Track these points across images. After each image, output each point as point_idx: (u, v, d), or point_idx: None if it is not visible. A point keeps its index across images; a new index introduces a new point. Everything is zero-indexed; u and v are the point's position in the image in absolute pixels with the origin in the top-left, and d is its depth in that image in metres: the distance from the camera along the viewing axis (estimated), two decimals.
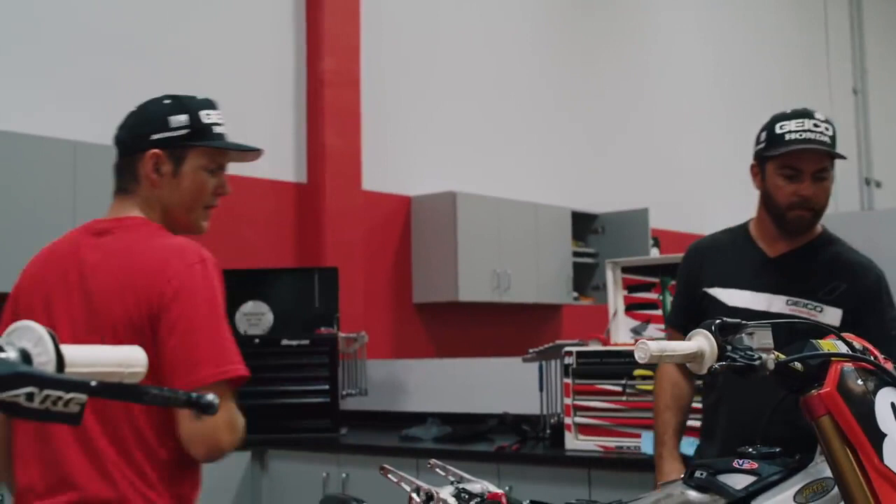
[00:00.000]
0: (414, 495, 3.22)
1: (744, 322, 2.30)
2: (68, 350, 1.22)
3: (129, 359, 1.34)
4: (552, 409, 5.30)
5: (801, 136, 3.06)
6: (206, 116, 2.50)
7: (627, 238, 9.49)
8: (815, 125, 3.07)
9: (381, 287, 8.05)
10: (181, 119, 2.46)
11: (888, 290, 3.17)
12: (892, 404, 2.31)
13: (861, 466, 2.24)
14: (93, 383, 1.12)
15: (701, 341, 2.25)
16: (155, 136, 2.46)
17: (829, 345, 2.38)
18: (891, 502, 2.20)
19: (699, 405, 3.52)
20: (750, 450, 2.55)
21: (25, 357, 1.17)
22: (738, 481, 2.50)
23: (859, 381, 2.32)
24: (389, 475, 3.36)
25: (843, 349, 2.38)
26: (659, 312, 5.29)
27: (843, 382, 2.30)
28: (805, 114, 3.10)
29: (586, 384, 4.85)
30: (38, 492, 2.32)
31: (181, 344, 2.29)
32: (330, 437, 5.91)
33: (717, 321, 2.25)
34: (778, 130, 3.11)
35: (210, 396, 1.16)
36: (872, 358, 2.39)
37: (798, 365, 2.34)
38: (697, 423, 3.54)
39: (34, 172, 5.54)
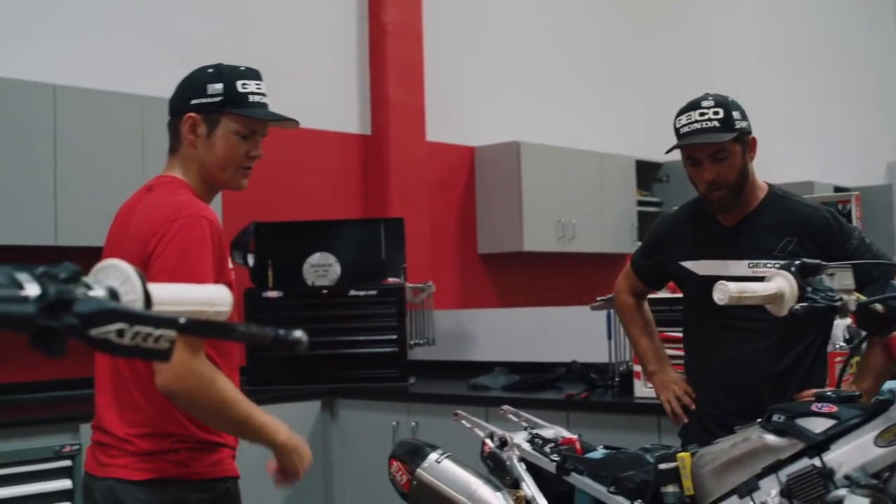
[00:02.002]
0: (488, 441, 3.24)
1: (824, 263, 2.27)
2: (155, 289, 1.23)
3: (214, 298, 1.34)
4: (620, 356, 5.28)
5: (689, 128, 3.34)
6: (243, 86, 2.77)
7: (692, 186, 9.36)
8: (702, 114, 3.32)
9: (447, 237, 8.05)
10: (217, 87, 2.74)
11: (841, 226, 3.35)
12: None
13: None
14: (182, 320, 1.12)
15: (781, 283, 2.22)
16: (194, 101, 2.75)
17: None
18: None
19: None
20: (829, 393, 2.53)
21: (113, 295, 1.17)
22: (817, 425, 2.48)
23: None
24: (463, 421, 3.39)
25: None
26: None
27: None
28: (692, 105, 3.37)
29: (660, 332, 4.81)
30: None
31: None
32: (399, 386, 5.94)
33: (798, 262, 2.22)
34: (676, 125, 3.41)
35: (298, 333, 1.15)
36: None
37: (879, 306, 2.31)
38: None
39: (103, 127, 5.59)
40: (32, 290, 1.06)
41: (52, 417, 4.91)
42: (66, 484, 4.76)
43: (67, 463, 4.78)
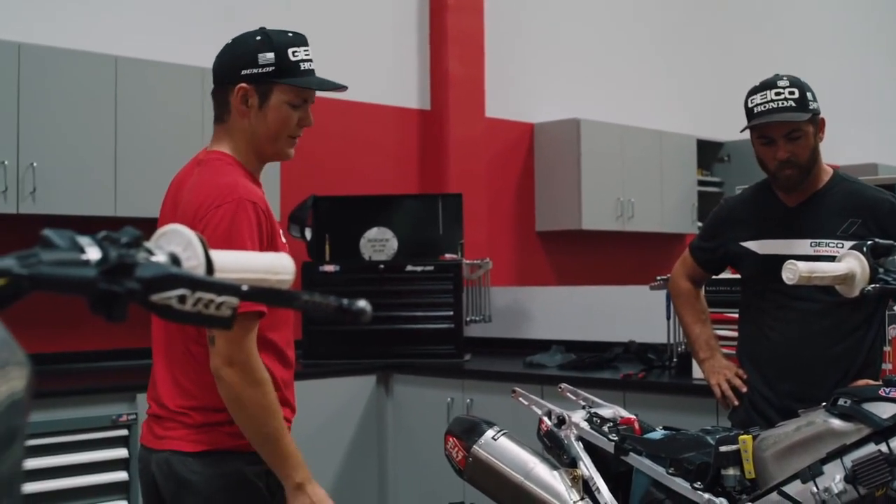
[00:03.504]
0: (545, 419, 3.21)
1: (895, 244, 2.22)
2: (217, 255, 1.21)
3: (276, 266, 1.32)
4: (679, 337, 5.22)
5: (764, 107, 3.36)
6: (294, 54, 2.68)
7: (753, 166, 9.20)
8: (778, 93, 3.35)
9: (505, 214, 8.00)
10: (269, 57, 2.65)
11: None
12: None
13: None
14: (244, 287, 1.10)
15: (852, 263, 2.17)
16: (245, 72, 2.68)
17: None
18: None
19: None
20: None
21: (175, 260, 1.15)
22: (885, 410, 2.43)
23: None
24: (520, 398, 3.36)
25: None
26: None
27: None
28: (768, 85, 3.40)
29: (717, 313, 4.75)
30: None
31: None
32: (454, 362, 5.92)
33: (870, 242, 2.17)
34: (749, 105, 3.43)
35: (362, 303, 1.13)
36: None
37: None
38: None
39: (163, 98, 5.61)
40: (93, 254, 1.04)
41: (110, 386, 4.95)
42: (122, 453, 4.80)
43: (124, 432, 4.81)
